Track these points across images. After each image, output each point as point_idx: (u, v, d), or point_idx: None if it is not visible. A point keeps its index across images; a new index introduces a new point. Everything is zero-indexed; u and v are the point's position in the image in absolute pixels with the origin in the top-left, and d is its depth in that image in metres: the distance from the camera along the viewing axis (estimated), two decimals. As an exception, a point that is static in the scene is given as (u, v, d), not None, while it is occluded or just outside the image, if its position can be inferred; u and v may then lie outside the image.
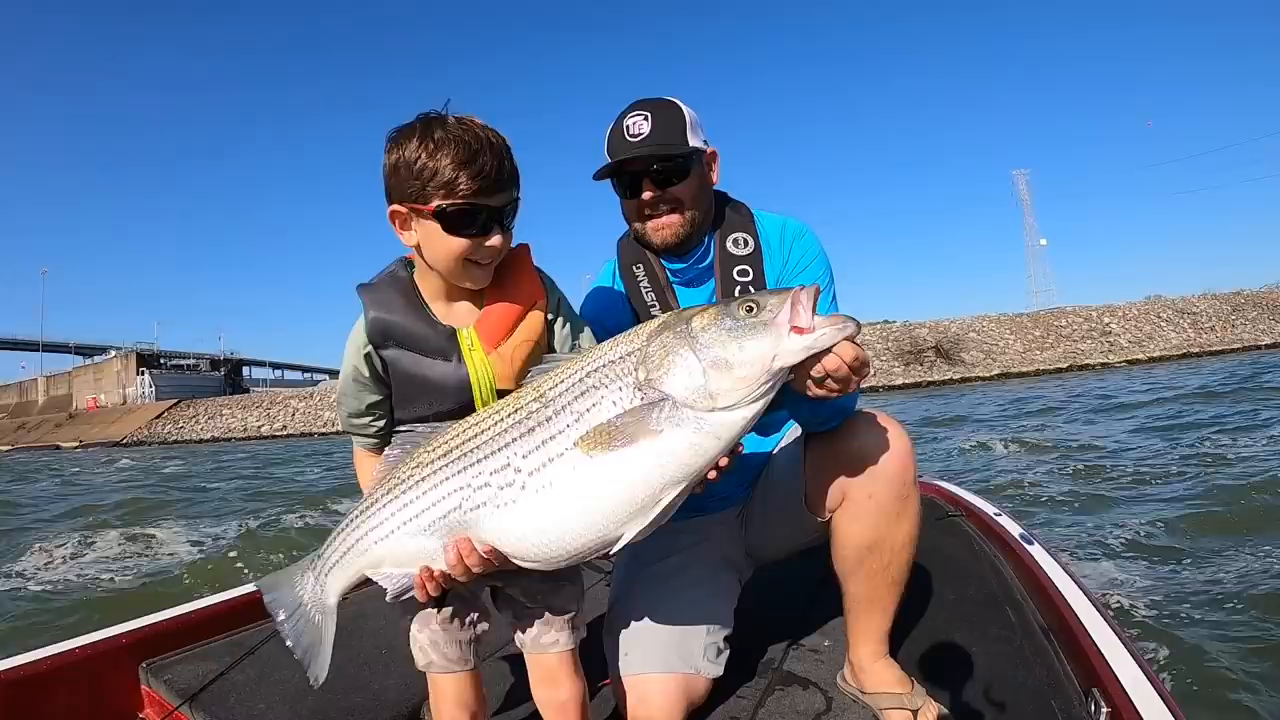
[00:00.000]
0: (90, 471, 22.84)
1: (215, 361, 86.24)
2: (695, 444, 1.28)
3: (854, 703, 1.90)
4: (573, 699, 1.60)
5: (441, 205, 1.38)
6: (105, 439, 53.52)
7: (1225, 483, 6.54)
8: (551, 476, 1.31)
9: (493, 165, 1.38)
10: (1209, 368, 26.01)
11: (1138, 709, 1.48)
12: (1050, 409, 16.54)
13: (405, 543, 1.40)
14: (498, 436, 1.35)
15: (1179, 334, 42.08)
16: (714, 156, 1.95)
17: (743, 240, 1.93)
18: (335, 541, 1.47)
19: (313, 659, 1.49)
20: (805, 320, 1.29)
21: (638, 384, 1.30)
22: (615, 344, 1.37)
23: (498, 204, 1.41)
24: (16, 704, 1.93)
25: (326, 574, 1.48)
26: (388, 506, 1.41)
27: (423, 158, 1.37)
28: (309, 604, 1.50)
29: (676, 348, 1.30)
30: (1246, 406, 12.56)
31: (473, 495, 1.36)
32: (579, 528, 1.32)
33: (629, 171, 1.86)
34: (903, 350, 42.77)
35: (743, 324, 1.29)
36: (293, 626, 1.51)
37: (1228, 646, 3.43)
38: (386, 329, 1.48)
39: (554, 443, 1.31)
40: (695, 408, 1.27)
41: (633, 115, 1.84)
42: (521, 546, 1.36)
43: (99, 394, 72.38)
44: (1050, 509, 6.50)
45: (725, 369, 1.27)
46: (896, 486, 1.74)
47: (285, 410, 54.29)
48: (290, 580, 1.53)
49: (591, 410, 1.30)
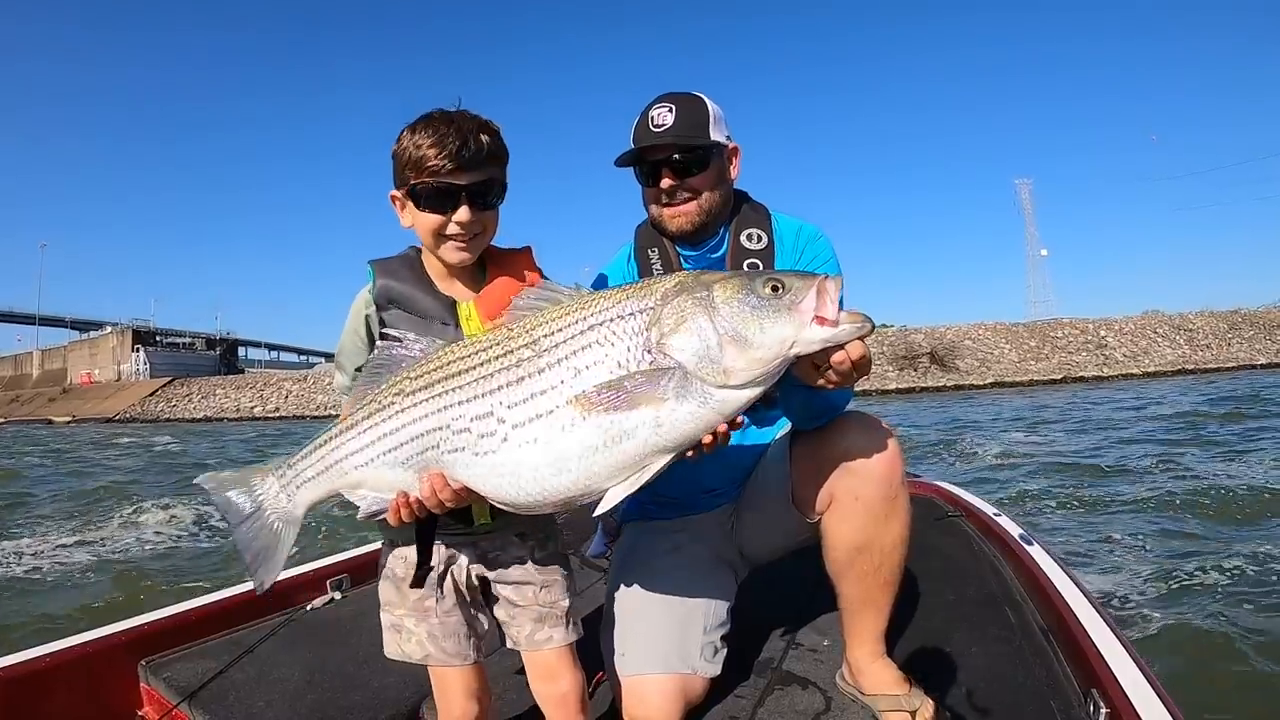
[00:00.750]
0: (87, 449, 22.73)
1: (211, 341, 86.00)
2: (697, 417, 1.25)
3: (853, 702, 1.89)
4: (572, 691, 1.59)
5: (413, 184, 1.49)
6: (98, 415, 53.30)
7: (1224, 486, 6.59)
8: (538, 432, 1.27)
9: (456, 145, 1.46)
10: (1202, 384, 26.06)
11: (1136, 709, 1.49)
12: (1048, 420, 16.56)
13: (384, 471, 1.39)
14: (484, 380, 1.31)
15: (1174, 350, 42.17)
16: (735, 152, 1.97)
17: (757, 235, 1.95)
18: (312, 456, 1.45)
19: (262, 564, 1.48)
20: (831, 312, 1.26)
21: (647, 345, 1.26)
22: (622, 296, 1.31)
23: (464, 182, 1.48)
24: (16, 702, 1.93)
25: (299, 486, 1.46)
26: (368, 433, 1.39)
27: (406, 145, 1.49)
28: (269, 510, 1.48)
29: (694, 315, 1.26)
30: (1244, 424, 12.64)
31: (451, 438, 1.33)
32: (559, 485, 1.29)
33: (650, 160, 1.89)
34: (898, 355, 42.77)
35: (767, 303, 1.26)
36: (248, 529, 1.48)
37: (1227, 646, 3.45)
38: (390, 293, 1.55)
39: (545, 398, 1.27)
40: (705, 380, 1.24)
41: (658, 107, 1.88)
42: (497, 494, 1.34)
43: (94, 369, 72.17)
44: (1050, 509, 6.53)
45: (743, 346, 1.24)
46: (884, 488, 1.72)
47: (279, 392, 54.17)
48: (247, 482, 1.49)
49: (592, 368, 1.26)
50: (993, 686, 1.89)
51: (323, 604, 2.54)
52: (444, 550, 1.56)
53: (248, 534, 1.48)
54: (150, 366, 68.04)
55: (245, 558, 1.49)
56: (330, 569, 2.67)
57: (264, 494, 1.48)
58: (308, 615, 2.48)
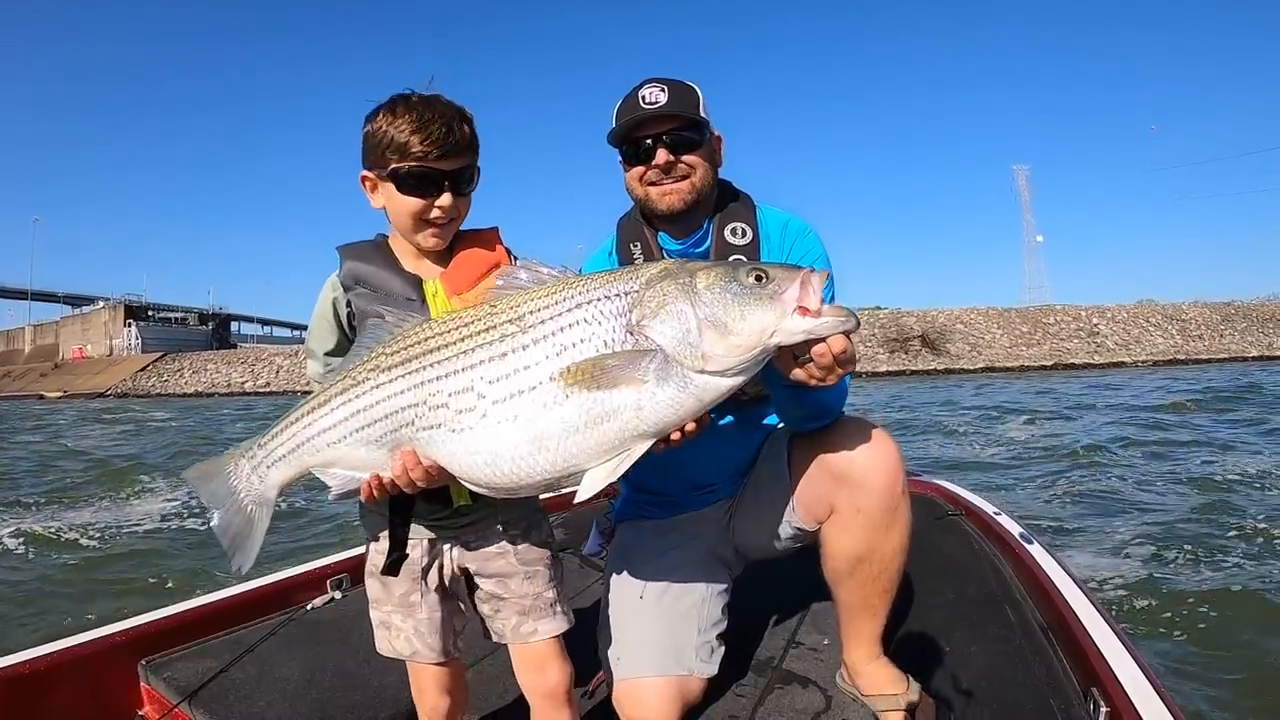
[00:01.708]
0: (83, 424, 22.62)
1: (204, 316, 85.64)
2: (677, 402, 1.24)
3: (853, 701, 1.90)
4: (560, 683, 1.59)
5: (396, 168, 1.48)
6: (90, 390, 53.10)
7: (1224, 482, 6.59)
8: (519, 409, 1.25)
9: (442, 132, 1.47)
10: (1191, 374, 26.08)
11: (1137, 708, 1.49)
12: (1046, 407, 16.59)
13: (357, 449, 1.37)
14: (464, 354, 1.29)
15: (1166, 340, 42.29)
16: (719, 140, 1.95)
17: (741, 230, 1.92)
18: (283, 435, 1.43)
19: (239, 549, 1.47)
20: (813, 303, 1.25)
21: (629, 327, 1.25)
22: (608, 279, 1.30)
23: (447, 167, 1.50)
24: (16, 702, 1.92)
25: (270, 466, 1.44)
26: (341, 409, 1.37)
27: (384, 126, 1.49)
28: (242, 493, 1.46)
29: (676, 299, 1.25)
30: (1245, 414, 12.69)
31: (427, 414, 1.31)
32: (537, 464, 1.27)
33: (642, 137, 1.86)
34: (889, 338, 42.82)
35: (749, 291, 1.25)
36: (223, 516, 1.48)
37: (1227, 645, 3.48)
38: (357, 274, 1.55)
39: (528, 373, 1.25)
40: (684, 365, 1.23)
41: (649, 86, 1.85)
42: (471, 473, 1.32)
43: (86, 344, 71.71)
44: (1049, 507, 6.54)
45: (722, 332, 1.23)
46: (885, 499, 1.71)
47: (269, 367, 54.09)
48: (223, 469, 1.48)
49: (576, 346, 1.25)
50: (993, 685, 1.89)
51: (323, 603, 2.54)
52: (426, 543, 1.55)
53: (223, 520, 1.48)
54: (142, 341, 67.74)
55: (222, 543, 1.49)
56: (330, 569, 2.66)
57: (236, 478, 1.47)
58: (308, 615, 2.48)
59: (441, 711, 1.64)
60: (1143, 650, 1.74)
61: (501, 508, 1.53)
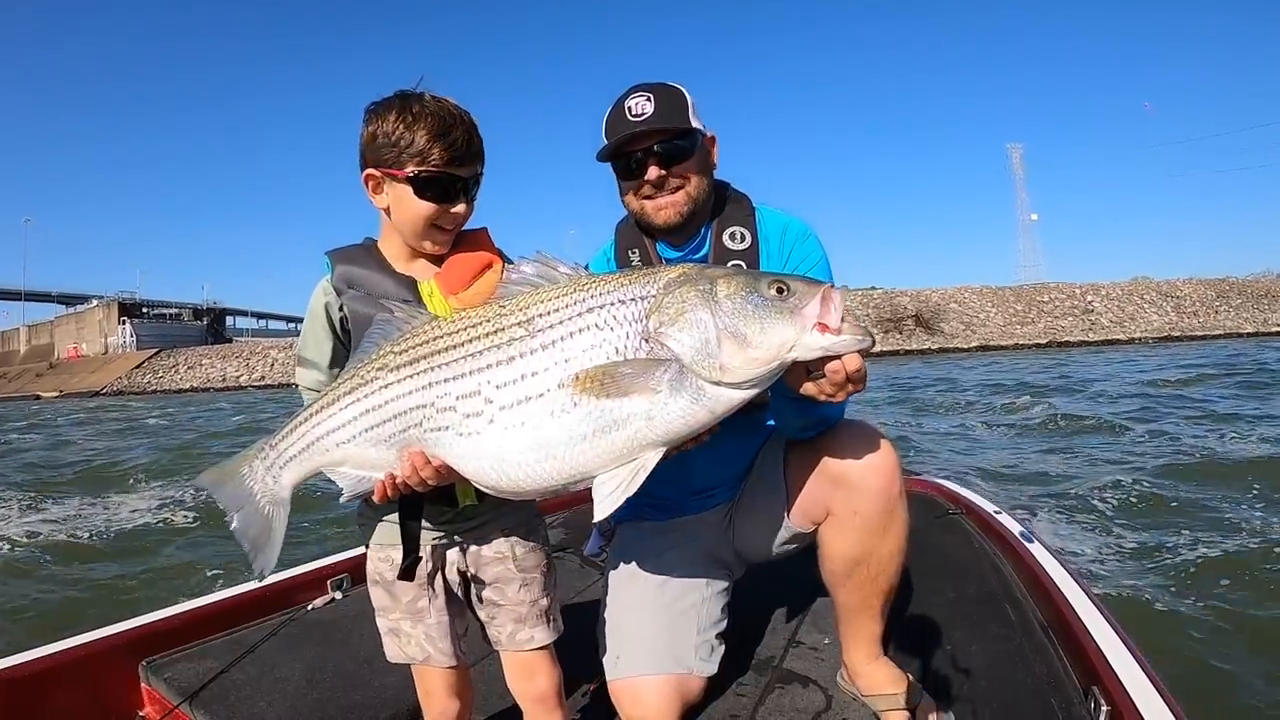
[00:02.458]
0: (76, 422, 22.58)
1: (198, 311, 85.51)
2: (689, 413, 1.23)
3: (854, 700, 1.90)
4: (550, 688, 1.61)
5: (415, 171, 1.46)
6: (86, 388, 52.86)
7: (1225, 480, 6.55)
8: (526, 415, 1.24)
9: (463, 139, 1.48)
10: (1190, 352, 26.09)
11: (1137, 707, 1.49)
12: (1046, 385, 16.55)
13: (367, 450, 1.37)
14: (472, 357, 1.28)
15: (1161, 317, 42.39)
16: (713, 141, 1.93)
17: (740, 235, 1.90)
18: (294, 435, 1.43)
19: (259, 551, 1.47)
20: (834, 321, 1.24)
21: (645, 333, 1.23)
22: (623, 281, 1.28)
23: (465, 174, 1.50)
24: (16, 702, 1.92)
25: (283, 466, 1.44)
26: (350, 408, 1.37)
27: (400, 129, 1.46)
28: (259, 495, 1.46)
29: (696, 307, 1.23)
30: (1244, 393, 12.64)
31: (435, 416, 1.30)
32: (544, 472, 1.26)
33: (632, 151, 1.83)
34: (883, 317, 42.82)
35: (769, 303, 1.23)
36: (241, 518, 1.48)
37: (1228, 644, 3.47)
38: (350, 278, 1.53)
39: (536, 380, 1.24)
40: (700, 375, 1.22)
41: (635, 96, 1.81)
42: (479, 477, 1.31)
43: (81, 343, 71.49)
44: (1049, 506, 6.51)
45: (741, 344, 1.21)
46: (882, 502, 1.71)
47: (264, 361, 53.92)
48: (237, 471, 1.48)
49: (588, 352, 1.23)
50: (993, 684, 1.89)
51: (323, 604, 2.53)
52: (429, 548, 1.55)
53: (242, 522, 1.48)
54: (137, 339, 67.46)
55: (243, 546, 1.49)
56: (331, 569, 2.65)
57: (252, 479, 1.47)
58: (309, 615, 2.47)
59: (451, 714, 1.64)
60: (1143, 649, 1.74)
61: (504, 511, 1.54)
